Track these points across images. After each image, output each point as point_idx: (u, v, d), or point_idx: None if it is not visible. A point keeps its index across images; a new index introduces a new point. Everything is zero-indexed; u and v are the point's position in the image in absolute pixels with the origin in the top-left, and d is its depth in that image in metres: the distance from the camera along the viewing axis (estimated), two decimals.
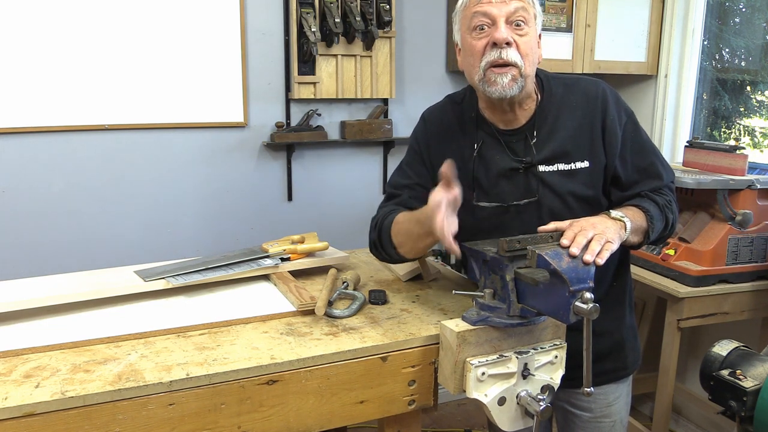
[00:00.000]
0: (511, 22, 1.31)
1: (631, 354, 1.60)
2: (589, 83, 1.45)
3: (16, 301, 1.38)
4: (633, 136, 1.44)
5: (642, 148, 1.46)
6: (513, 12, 1.31)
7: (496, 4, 1.31)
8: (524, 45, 1.32)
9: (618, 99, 1.46)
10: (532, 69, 1.36)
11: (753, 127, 2.96)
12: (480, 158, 1.45)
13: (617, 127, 1.41)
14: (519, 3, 1.31)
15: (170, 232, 2.58)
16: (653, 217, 1.37)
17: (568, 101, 1.42)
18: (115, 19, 2.34)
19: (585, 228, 1.22)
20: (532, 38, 1.34)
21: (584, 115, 1.40)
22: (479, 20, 1.32)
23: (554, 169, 1.40)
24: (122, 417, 1.09)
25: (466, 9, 1.36)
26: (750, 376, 1.73)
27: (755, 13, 2.84)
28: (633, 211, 1.37)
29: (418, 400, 1.33)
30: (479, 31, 1.33)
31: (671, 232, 1.46)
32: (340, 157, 2.82)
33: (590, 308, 1.10)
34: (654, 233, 1.39)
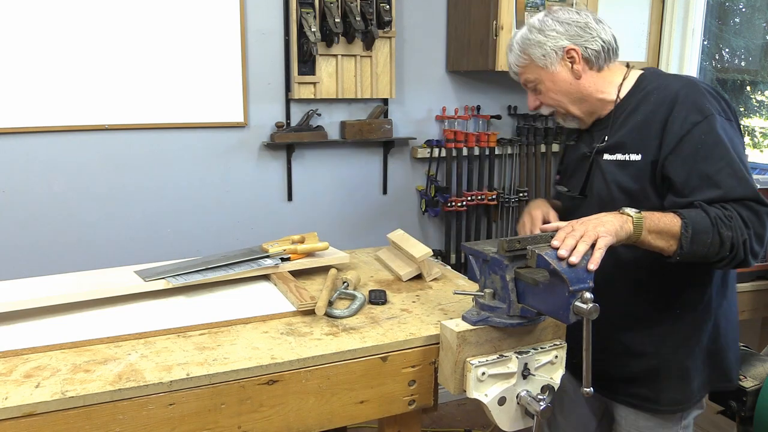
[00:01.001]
0: (528, 87, 1.52)
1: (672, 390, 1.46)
2: (675, 80, 1.43)
3: (16, 301, 1.38)
4: (703, 140, 1.31)
5: (711, 155, 1.30)
6: (525, 82, 1.52)
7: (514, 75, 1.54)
8: (547, 97, 1.49)
9: (698, 98, 1.35)
10: (570, 100, 1.48)
11: (753, 127, 2.96)
12: (574, 146, 1.59)
13: (681, 125, 1.33)
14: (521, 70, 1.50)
15: (170, 232, 2.58)
16: (689, 225, 1.24)
17: (648, 97, 1.42)
18: (115, 19, 2.34)
19: (576, 228, 1.20)
20: (552, 83, 1.46)
21: (653, 111, 1.39)
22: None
23: (613, 158, 1.44)
24: (122, 417, 1.09)
25: None
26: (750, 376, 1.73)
27: (755, 13, 2.84)
28: (662, 214, 1.27)
29: (418, 400, 1.33)
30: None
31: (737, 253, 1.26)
32: (340, 157, 2.82)
33: (590, 308, 1.10)
34: (694, 244, 1.24)
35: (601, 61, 1.47)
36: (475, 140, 2.90)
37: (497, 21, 2.60)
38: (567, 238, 1.17)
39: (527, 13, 2.66)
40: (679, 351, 1.46)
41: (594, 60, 1.46)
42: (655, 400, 1.48)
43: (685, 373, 1.46)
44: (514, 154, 3.05)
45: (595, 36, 1.47)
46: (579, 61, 1.45)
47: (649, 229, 1.24)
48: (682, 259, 1.26)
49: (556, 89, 1.46)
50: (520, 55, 1.49)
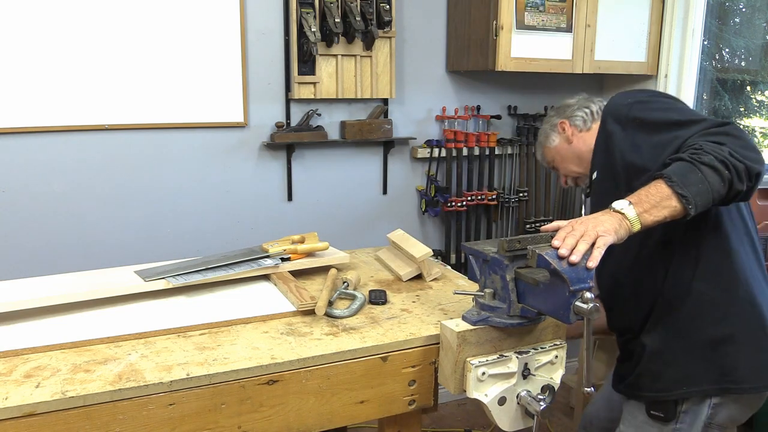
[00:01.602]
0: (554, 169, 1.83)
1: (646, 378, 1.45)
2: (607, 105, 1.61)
3: (16, 301, 1.38)
4: (638, 122, 1.45)
5: (653, 125, 1.42)
6: (550, 166, 1.84)
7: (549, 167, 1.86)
8: (561, 168, 1.78)
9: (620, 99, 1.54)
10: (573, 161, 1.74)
11: (753, 127, 2.96)
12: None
13: (614, 124, 1.50)
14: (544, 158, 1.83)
15: (170, 232, 2.58)
16: (671, 175, 1.23)
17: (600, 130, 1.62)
18: (115, 19, 2.34)
19: (575, 228, 1.20)
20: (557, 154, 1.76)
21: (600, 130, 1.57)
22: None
23: (587, 189, 1.66)
24: (122, 417, 1.09)
25: None
26: None
27: (755, 13, 2.84)
28: (646, 188, 1.26)
29: (418, 400, 1.33)
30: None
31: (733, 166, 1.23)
32: (340, 157, 2.82)
33: (590, 308, 1.10)
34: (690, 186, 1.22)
35: (588, 123, 1.72)
36: (475, 140, 2.90)
37: (497, 21, 2.60)
38: (567, 237, 1.18)
39: (527, 13, 2.66)
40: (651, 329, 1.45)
41: (581, 124, 1.72)
42: (635, 385, 1.48)
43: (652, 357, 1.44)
44: (514, 154, 3.05)
45: (580, 107, 1.74)
46: (568, 129, 1.73)
47: (646, 210, 1.22)
48: (696, 208, 1.22)
49: (560, 157, 1.76)
50: (538, 145, 1.85)
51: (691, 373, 1.41)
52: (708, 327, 1.41)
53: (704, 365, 1.40)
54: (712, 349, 1.40)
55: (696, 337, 1.41)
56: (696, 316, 1.41)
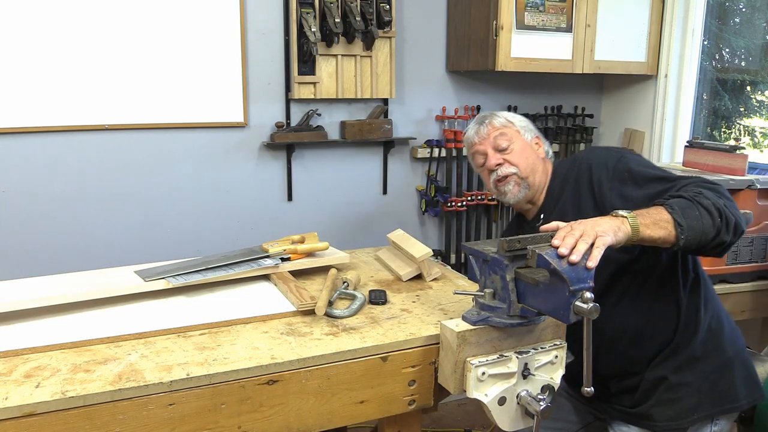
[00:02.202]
0: (496, 148, 1.67)
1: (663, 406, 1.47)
2: (579, 154, 1.69)
3: (16, 301, 1.38)
4: (630, 175, 1.49)
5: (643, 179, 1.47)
6: (494, 141, 1.67)
7: (482, 142, 1.69)
8: (513, 157, 1.65)
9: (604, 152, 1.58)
10: (531, 169, 1.65)
11: (753, 127, 2.96)
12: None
13: (605, 174, 1.52)
14: (496, 131, 1.68)
15: (170, 232, 2.58)
16: (673, 205, 1.29)
17: (566, 177, 1.61)
18: (115, 19, 2.34)
19: (575, 228, 1.21)
20: (521, 149, 1.67)
21: (575, 182, 1.58)
22: (479, 159, 1.71)
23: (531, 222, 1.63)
24: (122, 417, 1.09)
25: (468, 152, 1.78)
26: None
27: (755, 13, 2.84)
28: (648, 209, 1.31)
29: (418, 400, 1.33)
30: (481, 166, 1.71)
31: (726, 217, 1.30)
32: (340, 157, 2.82)
33: (590, 308, 1.09)
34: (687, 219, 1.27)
35: (549, 156, 1.74)
36: None
37: (497, 21, 2.60)
38: (567, 237, 1.18)
39: (527, 13, 2.66)
40: (664, 366, 1.49)
41: (546, 153, 1.73)
42: (647, 416, 1.49)
43: (674, 389, 1.48)
44: None
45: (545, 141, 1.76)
46: (542, 148, 1.72)
47: (645, 224, 1.26)
48: (686, 240, 1.27)
49: (522, 154, 1.66)
50: (506, 119, 1.72)
51: (701, 401, 1.47)
52: (714, 355, 1.50)
53: (711, 391, 1.48)
54: (718, 375, 1.49)
55: (705, 366, 1.49)
56: (705, 346, 1.50)
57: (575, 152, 3.22)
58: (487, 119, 1.71)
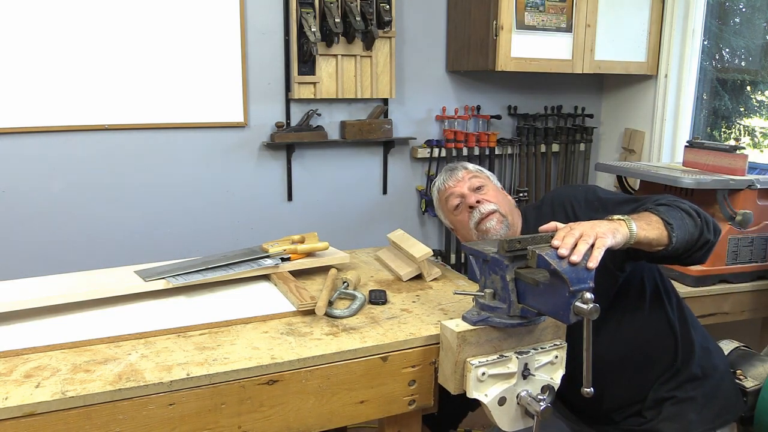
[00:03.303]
0: (473, 189, 1.68)
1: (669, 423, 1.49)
2: (545, 197, 1.71)
3: (16, 301, 1.38)
4: (601, 203, 1.54)
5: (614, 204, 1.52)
6: (470, 182, 1.70)
7: (456, 184, 1.70)
8: (491, 196, 1.67)
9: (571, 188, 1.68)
10: (509, 209, 1.67)
11: (753, 127, 2.96)
12: None
13: (578, 209, 1.55)
14: (470, 174, 1.71)
15: (170, 232, 2.58)
16: (659, 209, 1.34)
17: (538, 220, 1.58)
18: (115, 19, 2.34)
19: (574, 228, 1.21)
20: (495, 191, 1.70)
21: (553, 215, 1.58)
22: (453, 201, 1.70)
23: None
24: (122, 417, 1.09)
25: (440, 200, 1.76)
26: (750, 376, 1.73)
27: (755, 13, 2.84)
28: (638, 214, 1.36)
29: (418, 400, 1.33)
30: (458, 209, 1.70)
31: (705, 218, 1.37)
32: (340, 157, 2.82)
33: (590, 308, 1.09)
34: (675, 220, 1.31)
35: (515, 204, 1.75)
36: (475, 140, 2.90)
37: (497, 21, 2.60)
38: (566, 237, 1.18)
39: (527, 13, 2.66)
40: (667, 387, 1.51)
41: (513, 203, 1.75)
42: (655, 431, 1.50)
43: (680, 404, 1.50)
44: (514, 154, 3.05)
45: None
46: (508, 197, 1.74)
47: (640, 225, 1.29)
48: (678, 239, 1.31)
49: (498, 195, 1.70)
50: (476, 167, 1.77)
51: (705, 414, 1.51)
52: (711, 371, 1.54)
53: (712, 405, 1.52)
54: (716, 390, 1.53)
55: (705, 382, 1.53)
56: (702, 364, 1.54)
57: (575, 152, 3.22)
58: (459, 167, 1.75)
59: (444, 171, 1.76)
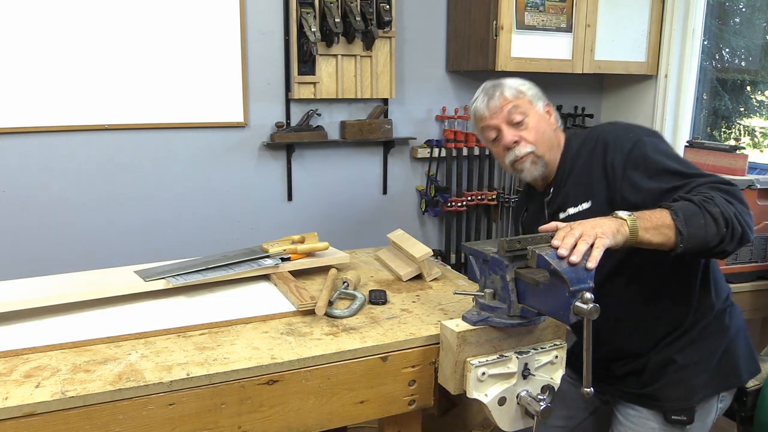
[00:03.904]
0: (511, 122, 1.54)
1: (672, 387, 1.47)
2: (595, 128, 1.57)
3: (16, 301, 1.38)
4: (644, 162, 1.41)
5: (659, 166, 1.39)
6: (508, 115, 1.54)
7: (493, 116, 1.55)
8: (530, 134, 1.54)
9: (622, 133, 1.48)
10: (547, 146, 1.55)
11: (753, 127, 2.96)
12: (528, 222, 1.68)
13: (620, 160, 1.44)
14: (510, 104, 1.54)
15: (170, 232, 2.58)
16: (678, 211, 1.26)
17: (579, 152, 1.54)
18: (115, 20, 2.34)
19: (574, 228, 1.20)
20: (536, 122, 1.55)
21: (587, 159, 1.51)
22: (490, 134, 1.58)
23: (566, 214, 1.52)
24: (122, 417, 1.09)
25: (476, 126, 1.63)
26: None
27: (755, 13, 2.84)
28: (652, 211, 1.28)
29: (418, 400, 1.33)
30: (494, 142, 1.58)
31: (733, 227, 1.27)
32: (340, 157, 2.82)
33: (590, 308, 1.09)
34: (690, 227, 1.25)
35: (560, 125, 1.63)
36: (475, 140, 2.90)
37: (497, 21, 2.60)
38: (566, 237, 1.18)
39: (527, 13, 2.66)
40: (671, 347, 1.48)
41: (557, 122, 1.62)
42: (656, 397, 1.48)
43: (682, 370, 1.48)
44: None
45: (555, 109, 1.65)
46: (553, 117, 1.61)
47: (645, 228, 1.25)
48: (685, 248, 1.25)
49: (539, 128, 1.55)
50: (517, 89, 1.57)
51: (708, 379, 1.48)
52: (720, 334, 1.50)
53: (716, 369, 1.49)
54: (724, 353, 1.49)
55: (711, 345, 1.49)
56: (711, 326, 1.49)
57: None
58: (497, 89, 1.56)
59: (482, 92, 1.59)
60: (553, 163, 1.57)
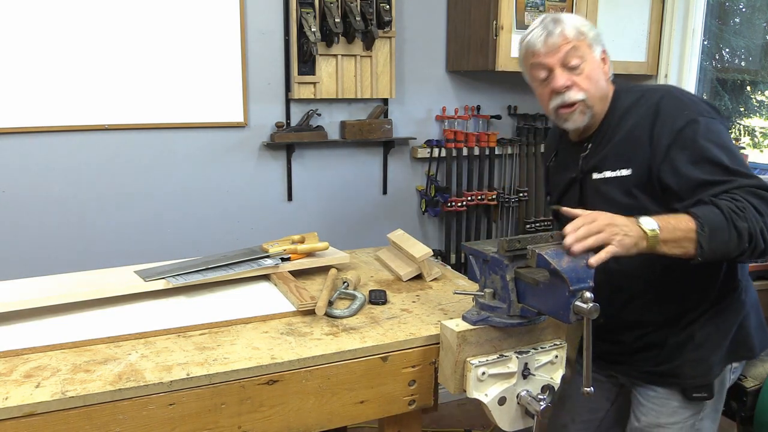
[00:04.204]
0: (566, 66, 1.41)
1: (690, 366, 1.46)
2: (653, 90, 1.45)
3: (16, 301, 1.38)
4: (692, 145, 1.32)
5: (704, 154, 1.31)
6: (565, 57, 1.41)
7: (549, 54, 1.41)
8: (584, 81, 1.42)
9: (678, 105, 1.38)
10: (599, 96, 1.45)
11: (753, 127, 2.96)
12: (555, 167, 1.62)
13: (667, 134, 1.35)
14: (569, 45, 1.40)
15: (170, 232, 2.58)
16: (705, 224, 1.22)
17: (630, 111, 1.44)
18: (115, 19, 2.34)
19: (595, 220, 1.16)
20: (591, 69, 1.42)
21: (635, 125, 1.41)
22: (538, 72, 1.45)
23: (602, 176, 1.45)
24: (122, 417, 1.09)
25: (525, 60, 1.49)
26: (750, 376, 1.74)
27: (755, 13, 2.84)
28: (677, 219, 1.24)
29: (418, 400, 1.33)
30: (541, 82, 1.46)
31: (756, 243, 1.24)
32: (340, 157, 2.82)
33: (590, 308, 1.10)
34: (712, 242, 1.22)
35: (611, 75, 1.50)
36: (475, 140, 2.90)
37: (497, 21, 2.60)
38: (582, 227, 1.16)
39: (527, 13, 2.66)
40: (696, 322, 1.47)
41: (610, 71, 1.49)
42: (675, 374, 1.48)
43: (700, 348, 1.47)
44: (514, 154, 3.05)
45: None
46: (607, 66, 1.48)
47: (665, 241, 1.22)
48: (703, 259, 1.24)
49: (593, 76, 1.43)
50: (578, 29, 1.42)
51: (726, 354, 1.49)
52: (736, 307, 1.49)
53: (734, 343, 1.49)
54: (739, 328, 1.49)
55: (732, 321, 1.48)
56: (734, 302, 1.48)
57: None
58: (558, 26, 1.42)
59: (541, 25, 1.44)
60: (599, 116, 1.47)
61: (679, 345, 1.47)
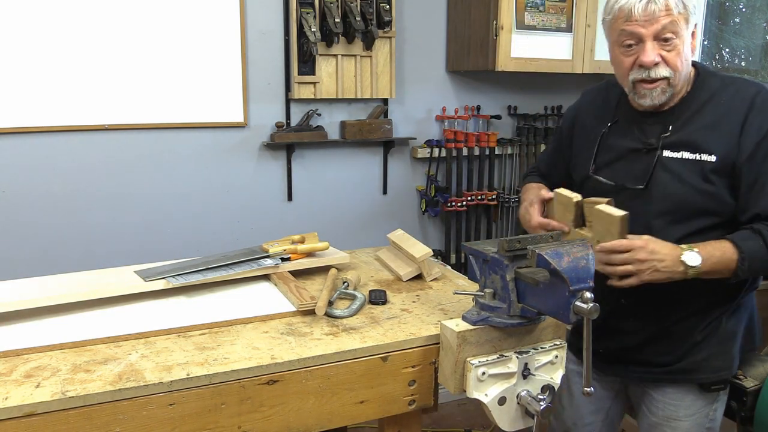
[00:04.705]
0: (659, 38, 1.31)
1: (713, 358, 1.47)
2: (747, 84, 1.41)
3: (16, 301, 1.38)
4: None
5: None
6: (661, 29, 1.30)
7: (644, 23, 1.30)
8: (674, 58, 1.33)
9: None
10: (683, 76, 1.37)
11: None
12: (608, 136, 1.51)
13: (757, 131, 1.33)
14: (668, 18, 1.29)
15: (170, 232, 2.58)
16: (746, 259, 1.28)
17: (718, 97, 1.39)
18: (115, 19, 2.34)
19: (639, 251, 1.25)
20: (683, 46, 1.33)
21: (727, 113, 1.36)
22: (626, 39, 1.34)
23: (678, 156, 1.38)
24: (123, 417, 1.09)
25: (614, 23, 1.36)
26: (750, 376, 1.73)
27: (755, 13, 2.84)
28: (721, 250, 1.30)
29: (418, 400, 1.33)
30: (627, 48, 1.35)
31: None
32: (340, 157, 2.82)
33: (590, 308, 1.09)
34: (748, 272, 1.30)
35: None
36: (475, 140, 2.90)
37: (497, 21, 2.60)
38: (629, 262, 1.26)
39: (527, 13, 2.66)
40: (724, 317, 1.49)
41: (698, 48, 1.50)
42: (691, 370, 1.50)
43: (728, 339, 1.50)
44: (514, 154, 3.05)
45: None
46: (695, 40, 1.39)
47: (701, 273, 1.29)
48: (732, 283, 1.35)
49: (683, 54, 1.34)
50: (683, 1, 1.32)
51: (741, 347, 1.53)
52: (750, 302, 1.53)
53: (745, 336, 1.53)
54: (748, 321, 1.54)
55: (746, 315, 1.53)
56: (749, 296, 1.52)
57: None
58: None
59: None
60: (678, 95, 1.40)
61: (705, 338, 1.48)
